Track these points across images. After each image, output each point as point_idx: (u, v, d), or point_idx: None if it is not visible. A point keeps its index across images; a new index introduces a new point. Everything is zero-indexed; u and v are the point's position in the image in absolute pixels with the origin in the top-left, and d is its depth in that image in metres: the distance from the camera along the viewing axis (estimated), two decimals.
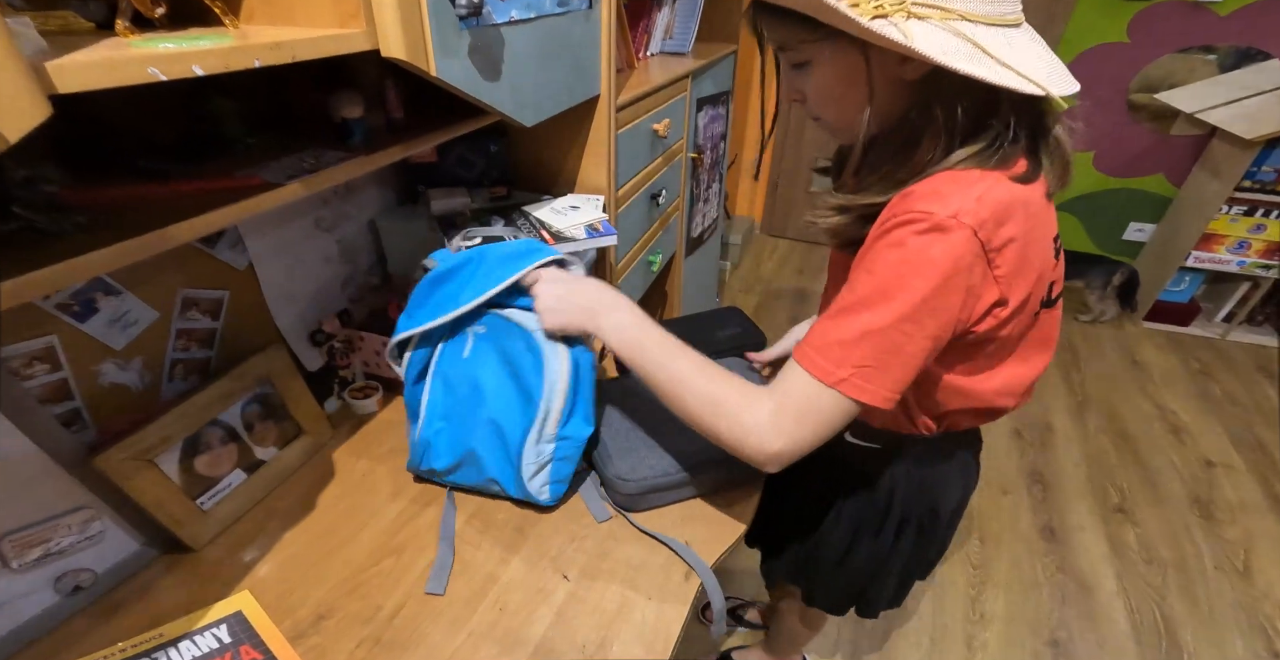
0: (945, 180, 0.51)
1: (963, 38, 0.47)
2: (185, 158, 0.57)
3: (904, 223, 0.50)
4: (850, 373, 0.51)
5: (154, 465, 0.64)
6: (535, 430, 0.71)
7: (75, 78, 0.32)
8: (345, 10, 0.52)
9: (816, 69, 0.56)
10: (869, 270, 0.51)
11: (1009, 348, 0.61)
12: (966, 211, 0.48)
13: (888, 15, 0.47)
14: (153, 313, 0.65)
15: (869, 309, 0.50)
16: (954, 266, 0.49)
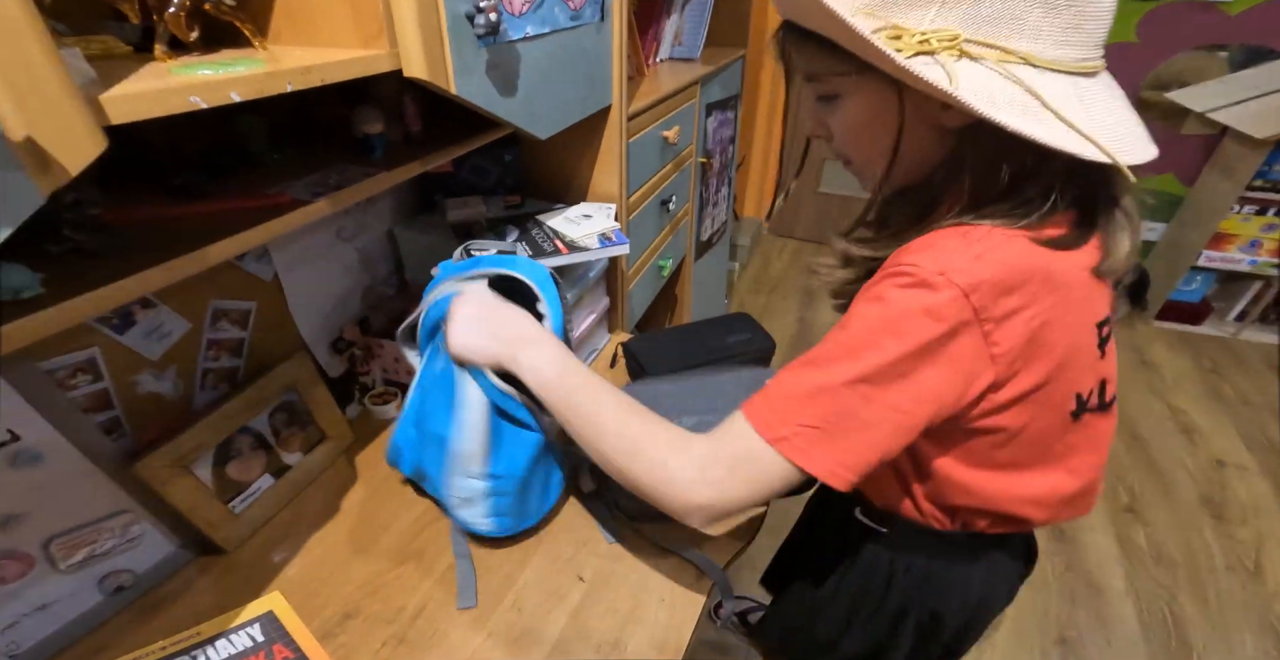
0: (947, 233, 0.45)
1: (1019, 85, 0.40)
2: (214, 174, 0.59)
3: (889, 275, 0.45)
4: (792, 431, 0.44)
5: (189, 471, 0.66)
6: (455, 466, 0.67)
7: (126, 109, 0.34)
8: (368, 31, 0.54)
9: (845, 104, 0.50)
10: (843, 326, 0.46)
11: (1032, 449, 0.52)
12: (959, 270, 0.42)
13: (934, 53, 0.40)
14: (185, 324, 0.68)
15: (830, 365, 0.45)
16: (934, 331, 0.42)
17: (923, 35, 0.40)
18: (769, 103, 2.85)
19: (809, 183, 3.04)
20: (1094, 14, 0.40)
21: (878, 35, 0.40)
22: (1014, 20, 0.40)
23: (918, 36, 0.40)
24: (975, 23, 0.40)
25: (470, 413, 0.65)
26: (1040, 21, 0.40)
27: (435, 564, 0.73)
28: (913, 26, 0.41)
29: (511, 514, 0.72)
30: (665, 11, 1.44)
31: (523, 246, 0.90)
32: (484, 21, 0.61)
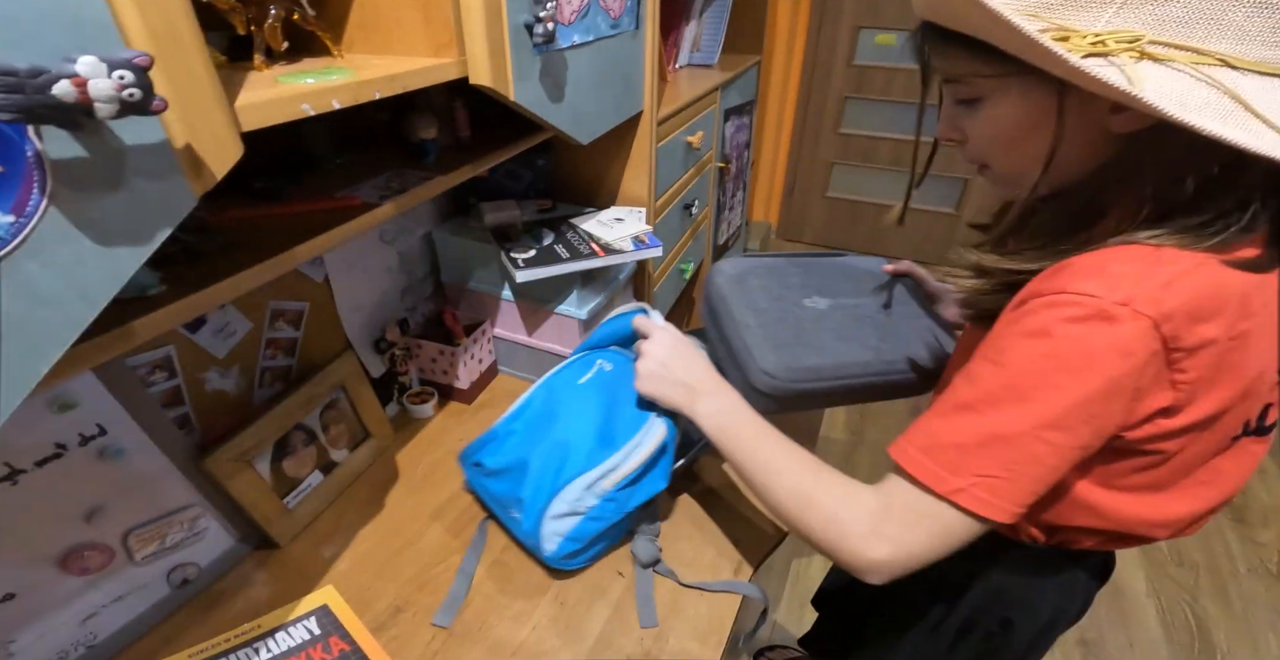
0: (1120, 255, 0.40)
1: (1217, 88, 0.36)
2: (286, 178, 0.61)
3: (1050, 305, 0.40)
4: (970, 482, 0.42)
5: (251, 466, 0.68)
6: (593, 475, 0.68)
7: (255, 117, 0.37)
8: (439, 41, 0.57)
9: (991, 108, 0.46)
10: (997, 362, 0.42)
11: (1177, 472, 0.48)
12: (1146, 299, 0.38)
13: (1109, 54, 0.37)
14: (248, 323, 0.70)
15: (998, 409, 0.41)
16: (1122, 367, 0.39)
17: (1096, 36, 0.37)
18: (778, 109, 2.89)
19: (818, 187, 3.07)
20: None
21: (1045, 35, 0.37)
22: (1211, 21, 0.36)
23: (1090, 37, 0.37)
24: (1163, 23, 0.36)
25: (648, 439, 0.68)
26: (1246, 20, 0.35)
27: (481, 558, 0.75)
28: (1082, 27, 0.37)
29: (580, 542, 0.70)
30: (685, 18, 1.47)
31: (561, 248, 0.92)
32: (542, 31, 0.64)
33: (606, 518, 0.69)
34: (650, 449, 0.68)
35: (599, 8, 0.78)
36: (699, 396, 0.62)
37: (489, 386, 1.06)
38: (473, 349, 0.99)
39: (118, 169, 0.28)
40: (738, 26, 1.72)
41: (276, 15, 0.44)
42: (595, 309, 0.98)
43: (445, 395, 1.01)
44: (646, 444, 0.68)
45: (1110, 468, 0.47)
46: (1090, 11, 0.37)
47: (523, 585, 0.72)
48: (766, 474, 0.54)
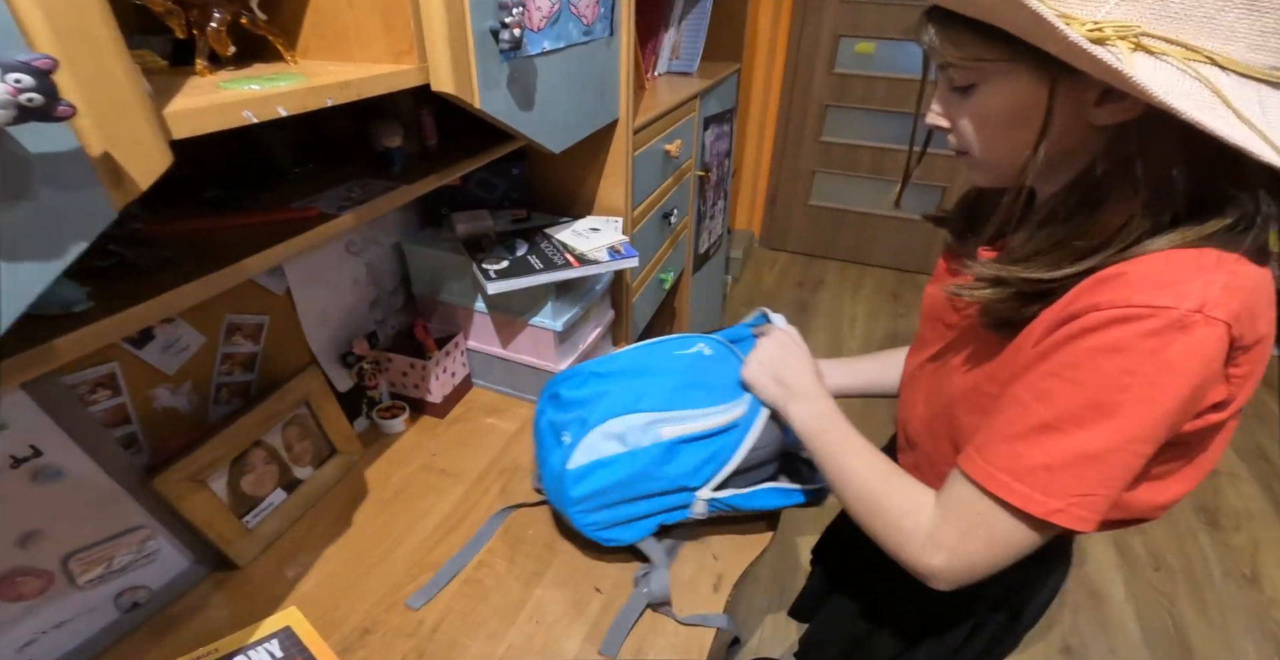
0: (1172, 261, 0.41)
1: (1202, 83, 0.37)
2: (242, 187, 0.59)
3: (1120, 320, 0.40)
4: (1068, 503, 0.42)
5: (205, 485, 0.66)
6: (658, 415, 0.69)
7: (187, 124, 0.35)
8: (399, 47, 0.55)
9: (984, 95, 0.46)
10: (1073, 380, 0.42)
11: (1183, 458, 0.50)
12: (1217, 303, 0.38)
13: (1105, 41, 0.38)
14: (201, 338, 0.67)
15: (1085, 428, 0.41)
16: (1204, 373, 0.40)
17: (1095, 23, 0.38)
18: (759, 117, 2.90)
19: (800, 196, 3.08)
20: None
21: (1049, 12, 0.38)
22: (1206, 19, 0.37)
23: (1089, 24, 0.38)
24: (1159, 18, 0.37)
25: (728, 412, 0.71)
26: (1236, 22, 0.37)
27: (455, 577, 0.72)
28: (1083, 16, 0.38)
29: (600, 486, 0.69)
30: (664, 25, 1.46)
31: (534, 259, 0.90)
32: (508, 37, 0.62)
33: (641, 464, 0.68)
34: (724, 419, 0.71)
35: (570, 14, 0.77)
36: (794, 398, 0.66)
37: (463, 400, 1.04)
38: (445, 362, 0.97)
39: (20, 178, 0.26)
40: (717, 34, 1.72)
41: (221, 19, 0.42)
42: (571, 320, 0.96)
43: (417, 409, 0.99)
44: (721, 415, 0.71)
45: (1152, 466, 0.47)
46: (1093, 1, 0.38)
47: (498, 604, 0.70)
48: (843, 477, 0.57)
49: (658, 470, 0.69)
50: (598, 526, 0.71)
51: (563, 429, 0.73)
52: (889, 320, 2.66)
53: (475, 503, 0.83)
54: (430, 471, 0.88)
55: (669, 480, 0.70)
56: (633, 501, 0.71)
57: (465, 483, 0.86)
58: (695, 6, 1.53)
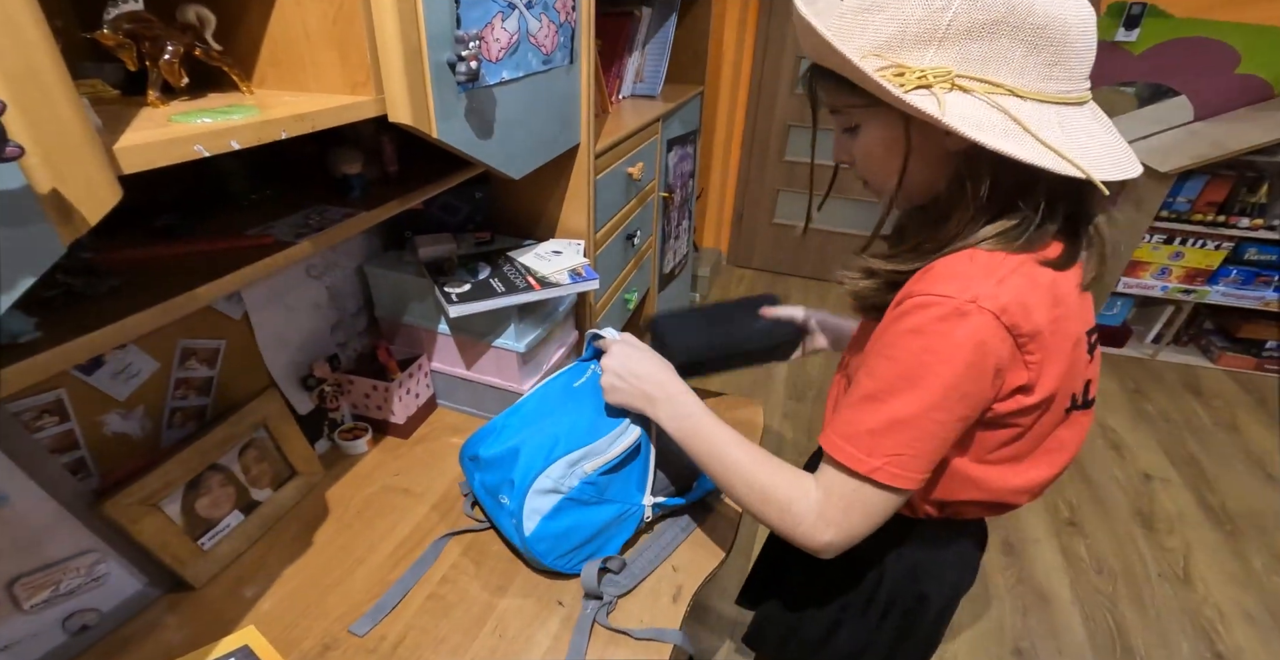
0: (965, 260, 0.50)
1: (1003, 113, 0.46)
2: (195, 215, 0.60)
3: (921, 306, 0.49)
4: (884, 462, 0.51)
5: (158, 509, 0.65)
6: (576, 454, 0.73)
7: (137, 159, 0.36)
8: (355, 79, 0.57)
9: (864, 134, 0.56)
10: (889, 357, 0.51)
11: (1031, 443, 0.58)
12: (987, 296, 0.47)
13: (930, 86, 0.46)
14: (153, 363, 0.67)
15: (895, 396, 0.50)
16: (979, 351, 0.48)
17: (921, 72, 0.46)
18: (725, 137, 2.98)
19: (765, 214, 3.16)
20: (1073, 52, 0.46)
21: (882, 73, 0.47)
22: (1000, 59, 0.46)
23: (917, 73, 0.46)
24: (966, 61, 0.46)
25: (629, 431, 0.75)
26: (1024, 59, 0.46)
27: (415, 594, 0.73)
28: (914, 64, 0.47)
29: (559, 532, 0.73)
30: (628, 49, 1.50)
31: (496, 282, 0.92)
32: (465, 69, 0.64)
33: (584, 501, 0.73)
34: (630, 440, 0.74)
35: (529, 44, 0.80)
36: (658, 403, 0.68)
37: (428, 420, 1.04)
38: (408, 384, 0.97)
39: None
40: (681, 58, 1.77)
41: (175, 51, 0.44)
42: (534, 342, 0.98)
43: (381, 430, 0.99)
44: (627, 436, 0.75)
45: (984, 442, 0.56)
46: (917, 51, 0.47)
47: (460, 618, 0.70)
48: (726, 472, 0.61)
49: (599, 501, 0.75)
50: (566, 562, 0.75)
51: (497, 491, 0.76)
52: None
53: (438, 522, 0.84)
54: (393, 491, 0.88)
55: (613, 505, 0.76)
56: (591, 534, 0.75)
57: (428, 502, 0.87)
58: (658, 31, 1.58)
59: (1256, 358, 2.53)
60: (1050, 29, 0.45)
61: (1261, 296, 2.40)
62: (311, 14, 0.53)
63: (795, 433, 2.10)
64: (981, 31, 0.45)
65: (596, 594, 0.72)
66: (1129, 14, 2.32)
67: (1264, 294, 2.40)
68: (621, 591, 0.73)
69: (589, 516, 0.74)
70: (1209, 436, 2.19)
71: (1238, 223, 2.30)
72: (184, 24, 0.46)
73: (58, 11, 0.47)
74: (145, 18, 0.42)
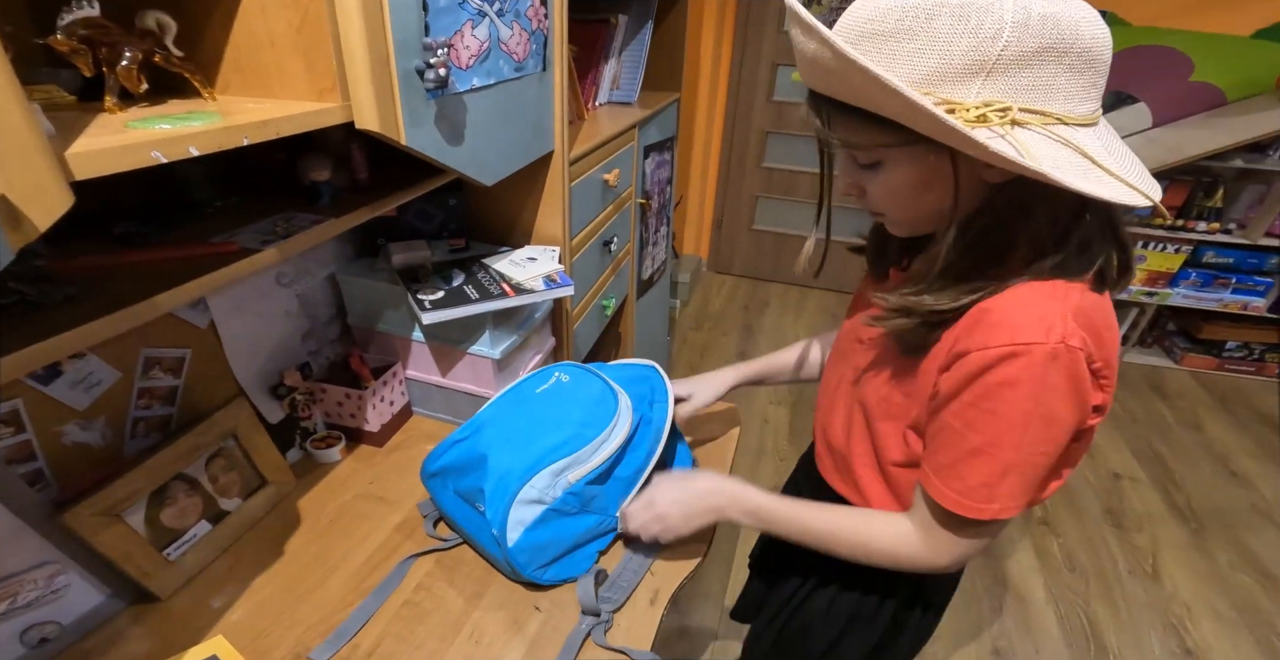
0: (1028, 298, 0.49)
1: (1072, 148, 0.44)
2: (156, 223, 0.59)
3: (1008, 357, 0.48)
4: (1002, 505, 0.52)
5: (121, 519, 0.64)
6: (561, 464, 0.72)
7: (90, 165, 0.36)
8: (322, 86, 0.56)
9: (890, 171, 0.51)
10: (990, 411, 0.50)
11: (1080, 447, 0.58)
12: (1070, 333, 0.47)
13: (989, 122, 0.43)
14: (115, 373, 0.66)
15: (1004, 448, 0.51)
16: (1075, 388, 0.48)
17: (978, 109, 0.43)
18: (704, 144, 3.01)
19: (744, 220, 3.19)
20: (1104, 69, 0.45)
21: (939, 107, 0.42)
22: (1047, 87, 0.43)
23: (974, 110, 0.43)
24: (1018, 92, 0.43)
25: (613, 436, 0.75)
26: (1068, 84, 0.44)
27: (390, 601, 0.72)
28: (964, 100, 0.43)
29: (542, 543, 0.72)
30: (604, 56, 1.51)
31: (470, 289, 0.92)
32: (434, 76, 0.64)
33: (567, 512, 0.73)
34: (615, 445, 0.75)
35: (501, 51, 0.80)
36: (726, 511, 0.70)
37: (403, 428, 1.03)
38: (382, 391, 0.96)
39: None
40: (657, 65, 1.78)
41: (133, 57, 0.43)
42: (509, 348, 0.98)
43: (355, 439, 0.98)
44: (612, 441, 0.75)
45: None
46: (965, 85, 0.43)
47: (435, 625, 0.70)
48: (821, 543, 0.64)
49: (581, 512, 0.75)
50: (544, 572, 0.74)
51: (474, 500, 0.75)
52: None
53: (414, 528, 0.83)
54: (367, 499, 0.88)
55: (594, 516, 0.76)
56: (571, 545, 0.75)
57: (403, 510, 0.86)
58: (635, 38, 1.59)
59: (1217, 358, 2.61)
60: (1094, 51, 0.43)
61: (1220, 298, 2.48)
62: (276, 21, 0.53)
63: (777, 438, 2.12)
64: (1031, 59, 0.42)
65: (594, 610, 0.71)
66: None
67: (1222, 296, 2.48)
68: (615, 607, 0.72)
69: (570, 527, 0.74)
70: (1174, 436, 2.25)
71: (1196, 226, 2.38)
72: (143, 30, 0.45)
73: (10, 16, 0.46)
74: (101, 23, 0.41)
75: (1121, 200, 0.43)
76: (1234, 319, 2.52)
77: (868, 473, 0.67)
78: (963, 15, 0.42)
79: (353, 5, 0.53)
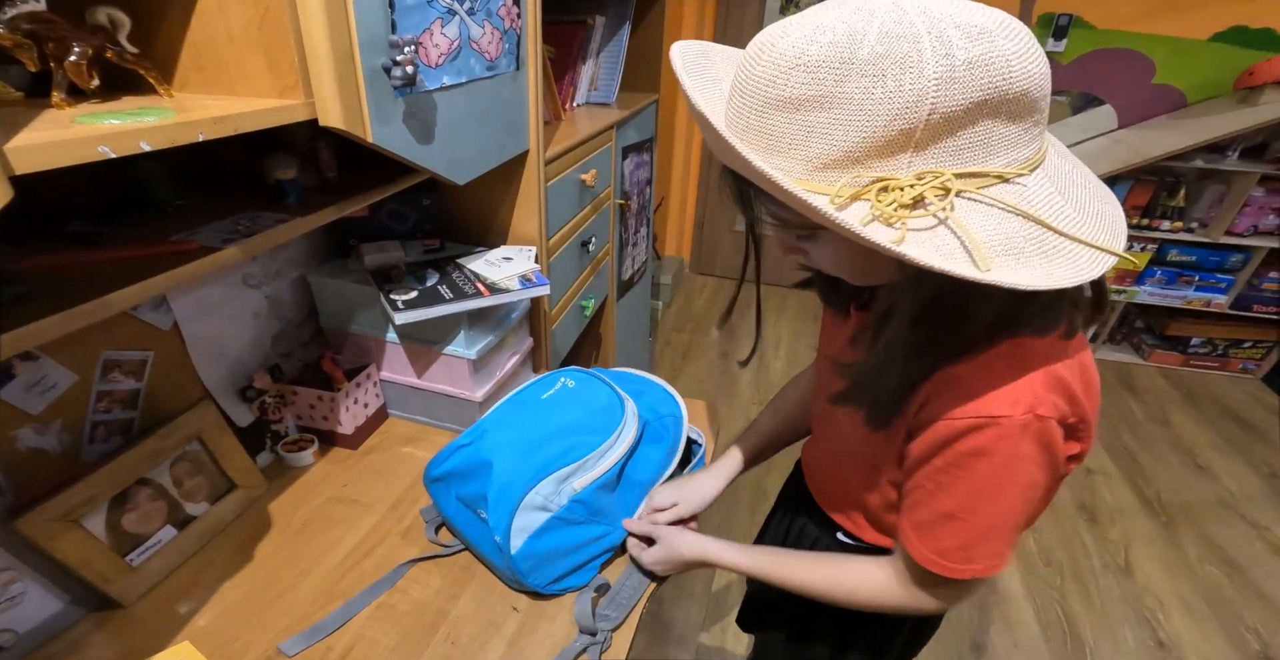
0: (996, 368, 0.46)
1: (1021, 216, 0.39)
2: (112, 221, 0.58)
3: (977, 428, 0.46)
4: (983, 565, 0.52)
5: (79, 525, 0.63)
6: (566, 471, 0.72)
7: (31, 159, 0.35)
8: (284, 83, 0.56)
9: (829, 243, 0.47)
10: (960, 477, 0.49)
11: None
12: (1042, 402, 0.45)
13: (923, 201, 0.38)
14: (72, 376, 0.64)
15: (978, 514, 0.50)
16: (1048, 453, 0.47)
17: (912, 186, 0.37)
18: (685, 145, 3.02)
19: (726, 222, 3.21)
20: (1045, 105, 0.40)
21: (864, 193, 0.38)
22: (985, 143, 0.38)
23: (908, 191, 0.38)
24: (957, 154, 0.38)
25: (619, 443, 0.75)
26: (1007, 133, 0.38)
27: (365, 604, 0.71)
28: (898, 174, 0.38)
29: (546, 551, 0.71)
30: (581, 57, 1.51)
31: (444, 289, 0.91)
32: (401, 73, 0.64)
33: (573, 521, 0.72)
34: (621, 452, 0.74)
35: (472, 50, 0.80)
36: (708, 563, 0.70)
37: (378, 430, 1.02)
38: (356, 393, 0.95)
39: None
40: (636, 66, 1.78)
41: (82, 52, 0.42)
42: (485, 348, 0.97)
43: (328, 441, 0.97)
44: (617, 447, 0.74)
45: None
46: (894, 158, 0.38)
47: (411, 626, 0.69)
48: (811, 591, 0.63)
49: (589, 521, 0.74)
50: (547, 582, 0.73)
51: (476, 506, 0.74)
52: (811, 339, 2.79)
53: (389, 530, 0.82)
54: (341, 502, 0.86)
55: (601, 526, 0.75)
56: (576, 555, 0.74)
57: (378, 512, 0.85)
58: (613, 39, 1.60)
59: (1183, 354, 2.68)
60: (1032, 92, 0.38)
61: (1184, 295, 2.54)
62: (235, 18, 0.52)
63: None
64: (963, 119, 0.37)
65: (591, 630, 0.69)
66: (1057, 25, 2.44)
67: (1186, 293, 2.54)
68: (614, 626, 0.70)
69: (575, 536, 0.73)
70: (1143, 431, 2.30)
71: (1160, 225, 2.44)
72: (94, 26, 0.45)
73: None
74: (47, 18, 0.40)
75: (1089, 278, 0.38)
76: (1198, 315, 2.59)
77: (852, 508, 0.68)
78: (877, 74, 0.36)
79: (314, 2, 0.53)
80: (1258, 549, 1.79)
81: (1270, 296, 2.47)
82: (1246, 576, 1.69)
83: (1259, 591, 1.65)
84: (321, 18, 0.54)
